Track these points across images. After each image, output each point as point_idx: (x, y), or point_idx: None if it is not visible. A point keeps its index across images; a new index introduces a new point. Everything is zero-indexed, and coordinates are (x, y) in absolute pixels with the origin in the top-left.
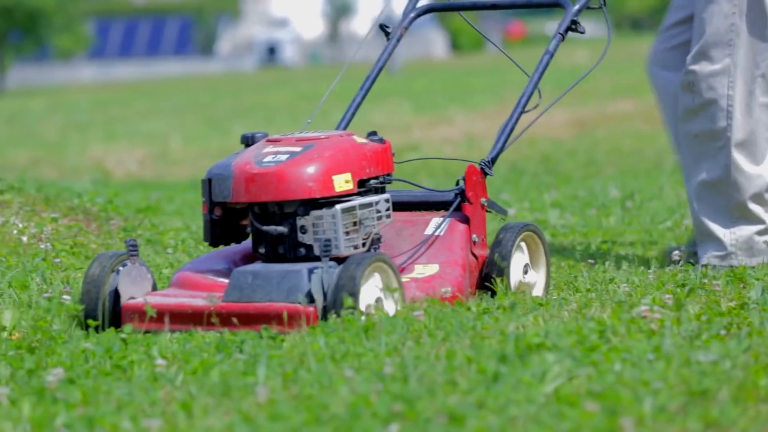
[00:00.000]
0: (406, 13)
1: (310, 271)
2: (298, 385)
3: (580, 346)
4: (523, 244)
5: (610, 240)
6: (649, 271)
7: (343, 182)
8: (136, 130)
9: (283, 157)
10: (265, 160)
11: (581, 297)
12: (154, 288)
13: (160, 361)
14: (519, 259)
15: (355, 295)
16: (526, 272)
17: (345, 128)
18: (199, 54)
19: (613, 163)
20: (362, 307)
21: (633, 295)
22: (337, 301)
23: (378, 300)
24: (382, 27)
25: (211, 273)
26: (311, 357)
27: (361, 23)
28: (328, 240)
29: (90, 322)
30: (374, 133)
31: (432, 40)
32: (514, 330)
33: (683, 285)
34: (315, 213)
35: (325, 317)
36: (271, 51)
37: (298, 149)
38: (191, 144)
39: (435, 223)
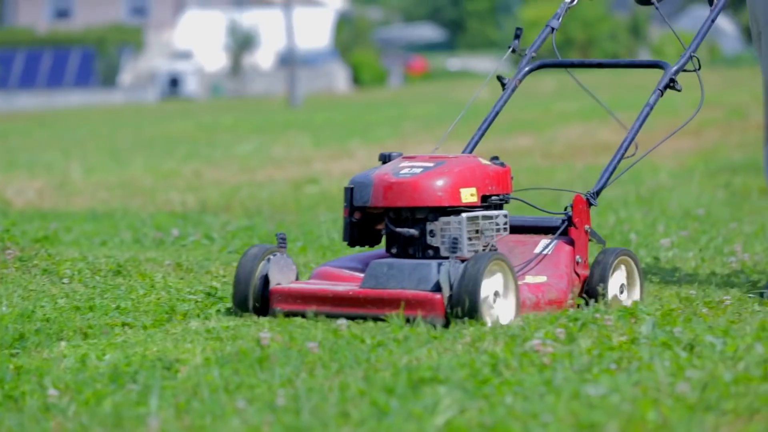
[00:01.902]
0: (521, 68)
1: (439, 265)
2: (190, 416)
3: (473, 379)
4: (621, 266)
5: None
6: None
7: (468, 195)
8: (36, 160)
9: (418, 170)
10: (401, 171)
11: (475, 330)
12: (297, 278)
13: (52, 392)
14: (617, 279)
15: (477, 286)
16: (622, 291)
17: None
18: (101, 85)
19: None
20: (482, 298)
21: (526, 328)
22: (462, 291)
23: (496, 293)
24: (499, 78)
25: (346, 269)
26: (205, 387)
27: (264, 57)
28: (456, 239)
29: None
30: (496, 157)
31: (334, 74)
32: (407, 363)
33: (576, 319)
34: (443, 219)
35: (450, 306)
36: (174, 83)
37: (431, 164)
38: (91, 175)
39: (543, 243)
